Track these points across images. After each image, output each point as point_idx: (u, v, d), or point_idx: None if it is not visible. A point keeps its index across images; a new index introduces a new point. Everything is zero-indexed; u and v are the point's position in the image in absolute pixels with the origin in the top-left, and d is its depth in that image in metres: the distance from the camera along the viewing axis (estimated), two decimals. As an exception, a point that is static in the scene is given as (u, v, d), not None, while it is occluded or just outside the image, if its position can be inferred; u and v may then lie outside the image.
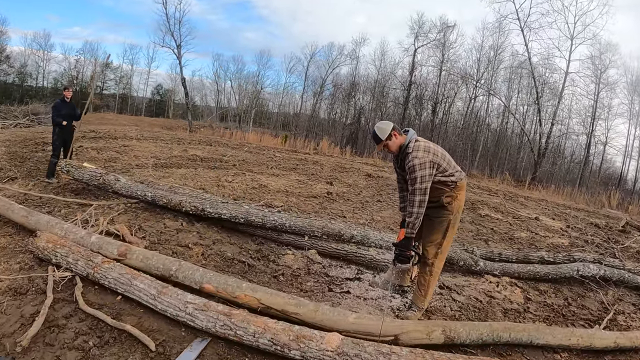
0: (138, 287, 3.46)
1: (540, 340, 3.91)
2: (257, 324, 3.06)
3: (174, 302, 3.30)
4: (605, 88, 31.96)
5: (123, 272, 3.61)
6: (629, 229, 13.25)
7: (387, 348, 2.92)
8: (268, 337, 2.98)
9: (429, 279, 3.98)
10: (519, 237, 9.11)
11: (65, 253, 3.94)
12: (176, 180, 8.93)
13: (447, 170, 3.82)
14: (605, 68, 31.27)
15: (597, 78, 31.49)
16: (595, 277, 6.13)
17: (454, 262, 5.63)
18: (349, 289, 4.59)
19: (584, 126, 33.64)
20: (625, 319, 5.20)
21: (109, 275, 3.62)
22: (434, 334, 3.51)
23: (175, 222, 5.64)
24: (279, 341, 2.95)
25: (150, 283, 3.49)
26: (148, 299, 3.40)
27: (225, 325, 3.10)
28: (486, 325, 3.84)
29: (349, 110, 41.82)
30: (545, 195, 23.05)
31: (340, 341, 2.94)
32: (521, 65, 33.49)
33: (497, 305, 4.91)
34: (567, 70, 30.87)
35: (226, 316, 3.14)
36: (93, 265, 3.74)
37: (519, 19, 31.37)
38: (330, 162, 18.28)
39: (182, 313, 3.25)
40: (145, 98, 55.86)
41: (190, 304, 3.26)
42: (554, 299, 5.53)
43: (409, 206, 3.77)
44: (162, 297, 3.35)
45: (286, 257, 5.17)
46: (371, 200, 10.35)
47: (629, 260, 7.96)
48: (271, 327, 3.03)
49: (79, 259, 3.84)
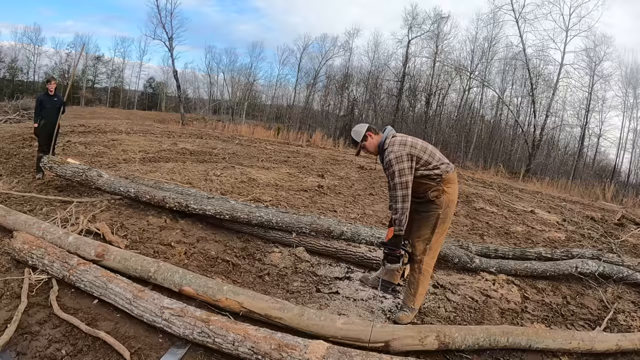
0: (114, 291, 3.29)
1: (540, 345, 3.74)
2: (236, 331, 2.87)
3: (150, 307, 3.11)
4: (599, 80, 32.01)
5: (98, 275, 3.43)
6: (625, 222, 13.18)
7: (376, 358, 2.75)
8: (248, 345, 2.79)
9: (418, 277, 3.81)
10: (515, 231, 8.98)
11: (41, 254, 3.75)
12: (163, 175, 8.73)
13: (430, 163, 3.67)
14: (599, 60, 31.31)
15: (591, 70, 31.54)
16: (594, 273, 5.96)
17: (449, 259, 5.45)
18: (338, 289, 4.40)
19: (578, 118, 33.73)
20: (625, 318, 5.05)
21: (84, 278, 3.45)
22: (427, 339, 3.32)
23: (159, 219, 5.44)
24: (260, 350, 2.76)
25: (126, 287, 3.31)
26: (124, 304, 3.22)
27: (203, 332, 2.92)
28: (483, 329, 3.65)
29: (342, 102, 41.79)
30: (540, 187, 23.05)
31: (326, 350, 2.75)
32: (515, 57, 33.51)
33: (493, 305, 4.74)
34: (561, 62, 30.94)
35: (204, 322, 2.95)
36: (68, 267, 3.56)
37: (514, 10, 31.43)
38: (322, 155, 18.11)
39: (158, 319, 3.07)
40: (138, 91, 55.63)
41: (167, 309, 3.07)
42: (552, 297, 5.37)
43: (393, 203, 3.65)
44: (138, 301, 3.17)
45: (272, 255, 4.98)
46: (363, 194, 10.17)
47: (626, 255, 7.83)
48: (251, 335, 2.84)
49: (54, 261, 3.66)
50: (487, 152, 35.81)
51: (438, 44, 35.82)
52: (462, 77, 36.23)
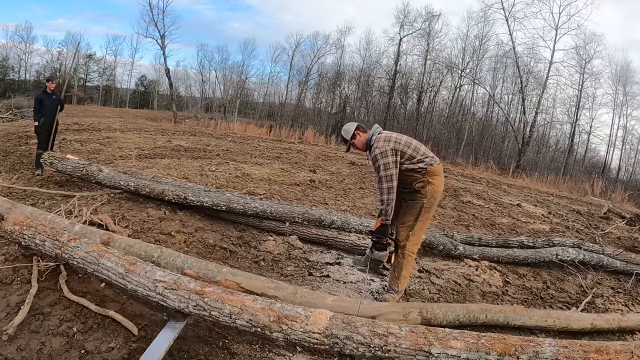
0: (106, 266, 3.22)
1: (517, 322, 4.02)
2: (233, 303, 2.74)
3: (143, 280, 3.04)
4: (589, 78, 32.46)
5: (89, 250, 3.36)
6: (611, 216, 13.53)
7: (383, 328, 2.58)
8: (246, 318, 2.66)
9: (402, 262, 4.10)
10: (500, 223, 9.28)
11: (32, 234, 3.69)
12: (160, 171, 8.96)
13: (415, 157, 3.95)
14: (590, 58, 31.77)
15: (581, 68, 31.97)
16: (574, 261, 6.27)
17: (434, 246, 5.76)
18: (329, 273, 4.72)
19: (569, 115, 34.21)
20: (603, 302, 5.34)
21: (76, 255, 3.38)
22: (410, 315, 3.61)
23: (158, 211, 5.71)
24: (259, 322, 2.63)
25: (117, 260, 3.23)
26: (117, 279, 3.15)
27: (199, 305, 2.82)
28: (462, 307, 3.95)
29: (334, 99, 41.98)
30: (529, 183, 23.35)
31: (329, 321, 2.61)
32: (506, 55, 33.92)
33: (475, 288, 5.05)
34: (551, 60, 31.34)
35: (199, 295, 2.84)
36: (60, 245, 3.50)
37: (504, 8, 31.73)
38: (314, 151, 18.38)
39: (152, 293, 2.99)
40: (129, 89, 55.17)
41: (160, 283, 2.98)
42: (533, 282, 5.69)
43: (379, 194, 3.95)
44: (131, 275, 3.09)
45: (267, 243, 5.27)
46: (354, 188, 10.47)
47: (609, 245, 8.13)
48: (249, 307, 2.70)
49: (45, 240, 3.60)
50: (478, 149, 36.20)
51: (429, 42, 36.06)
52: (453, 74, 36.59)
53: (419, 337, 2.52)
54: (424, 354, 2.48)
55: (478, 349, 2.47)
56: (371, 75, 39.76)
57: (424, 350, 2.47)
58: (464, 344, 2.48)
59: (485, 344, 2.48)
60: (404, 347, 2.49)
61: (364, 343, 2.52)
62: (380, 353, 2.51)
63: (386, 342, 2.50)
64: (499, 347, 2.46)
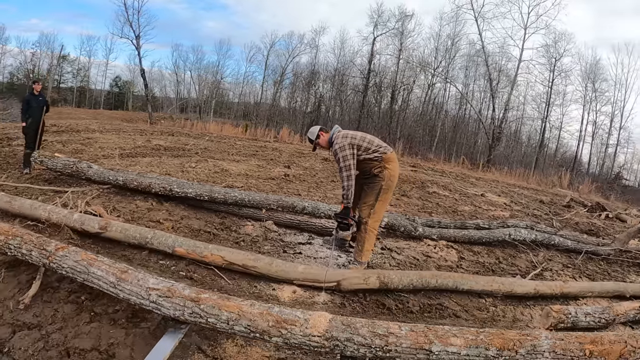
0: (96, 275, 3.17)
1: (465, 286, 4.66)
2: (229, 309, 2.75)
3: (136, 289, 3.00)
4: (560, 75, 33.86)
5: (78, 259, 3.30)
6: (573, 205, 14.47)
7: (383, 328, 2.64)
8: (244, 324, 2.67)
9: (364, 236, 4.77)
10: (462, 210, 10.00)
11: (18, 244, 3.58)
12: (142, 168, 9.44)
13: (370, 149, 4.66)
14: (560, 56, 33.14)
15: (551, 66, 33.30)
16: (527, 240, 6.96)
17: (396, 228, 6.44)
18: (301, 250, 5.39)
19: (539, 112, 35.52)
20: (551, 275, 6.04)
21: (65, 264, 3.33)
22: (370, 279, 4.26)
23: (145, 202, 6.25)
24: (257, 328, 2.65)
25: (107, 269, 3.18)
26: (108, 287, 3.12)
27: (194, 312, 2.81)
28: (416, 273, 4.62)
29: (309, 98, 42.49)
30: (498, 176, 24.25)
31: (328, 323, 2.64)
32: (477, 54, 34.97)
33: (432, 263, 5.72)
34: (520, 59, 32.54)
35: (194, 302, 2.83)
36: (47, 254, 3.44)
37: (473, 9, 32.77)
38: (289, 149, 19.04)
39: (146, 301, 2.96)
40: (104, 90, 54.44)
41: (154, 291, 2.94)
42: (487, 258, 6.37)
43: (341, 182, 4.68)
44: (123, 284, 3.06)
45: (246, 228, 5.89)
46: (325, 181, 11.16)
47: (566, 229, 8.87)
48: (246, 312, 2.71)
49: (32, 250, 3.52)
50: (451, 146, 37.26)
51: (402, 42, 36.90)
52: (426, 73, 37.52)
53: (419, 336, 2.60)
54: (425, 352, 2.57)
55: (477, 344, 2.58)
56: (345, 74, 40.37)
57: (425, 349, 2.57)
58: (463, 340, 2.59)
59: (484, 339, 2.60)
60: (404, 347, 2.56)
61: (364, 344, 2.57)
62: (382, 353, 2.57)
63: (387, 342, 2.57)
64: (498, 342, 2.59)
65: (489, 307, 4.63)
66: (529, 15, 31.78)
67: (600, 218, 12.71)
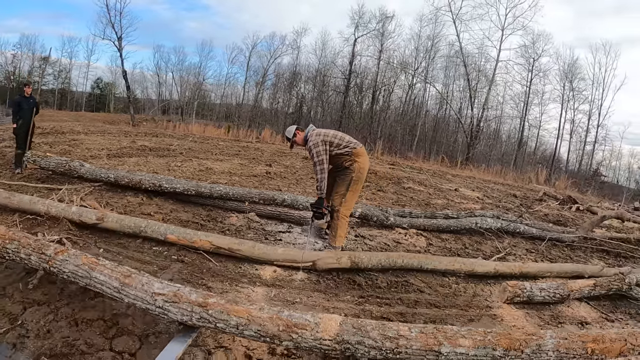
0: (99, 279, 3.10)
1: (429, 266, 5.17)
2: (239, 314, 2.72)
3: (141, 294, 2.94)
4: (538, 75, 34.96)
5: (79, 264, 3.22)
6: (546, 198, 15.09)
7: (393, 331, 2.67)
8: (254, 329, 2.67)
9: (337, 223, 5.31)
10: (435, 203, 10.52)
11: (16, 248, 3.50)
12: (130, 168, 9.84)
13: (341, 145, 5.20)
14: (538, 56, 34.20)
15: (530, 66, 34.33)
16: (493, 228, 7.47)
17: (369, 218, 6.97)
18: (282, 237, 5.93)
19: (518, 111, 36.57)
20: (514, 259, 6.52)
21: (66, 269, 3.26)
22: (342, 259, 4.79)
23: (136, 198, 6.71)
24: (267, 332, 2.65)
25: (110, 273, 3.10)
26: (112, 292, 3.05)
27: (203, 318, 2.78)
28: (384, 254, 5.15)
29: (291, 99, 43.08)
30: (476, 173, 24.82)
31: (339, 327, 2.66)
32: (456, 55, 35.69)
33: (402, 249, 6.24)
34: (497, 59, 33.39)
35: (202, 307, 2.79)
36: (47, 258, 3.36)
37: (452, 11, 33.54)
38: (271, 149, 19.54)
39: (152, 307, 2.91)
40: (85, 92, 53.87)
41: (159, 296, 2.89)
42: (454, 244, 6.89)
43: (315, 175, 5.21)
44: (127, 289, 2.99)
45: (231, 219, 6.39)
46: (305, 178, 11.68)
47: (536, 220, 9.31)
48: (255, 317, 2.70)
49: (31, 254, 3.44)
50: (431, 145, 38.04)
51: (383, 42, 37.48)
52: (406, 74, 38.24)
53: (429, 338, 2.65)
54: (434, 353, 2.63)
55: (485, 345, 2.66)
56: (327, 75, 40.80)
57: (434, 350, 2.63)
58: (471, 341, 2.66)
59: (492, 340, 2.68)
60: (414, 349, 2.62)
61: (375, 347, 2.62)
62: (392, 355, 2.63)
63: (397, 344, 2.62)
64: (505, 342, 2.67)
65: (451, 285, 5.14)
66: (506, 17, 32.68)
67: (571, 210, 13.22)
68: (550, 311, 4.78)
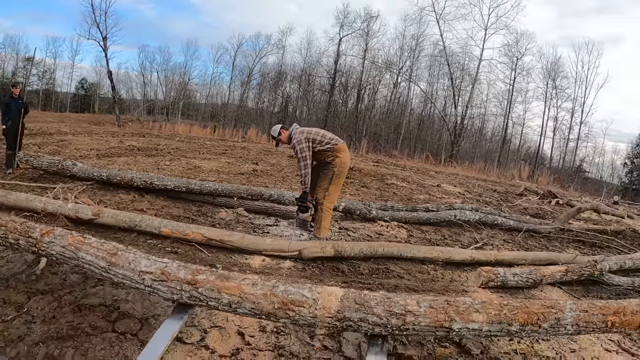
0: (85, 260, 3.02)
1: (408, 254, 5.47)
2: (230, 291, 2.58)
3: (129, 273, 2.85)
4: (521, 73, 35.61)
5: (65, 244, 3.13)
6: (527, 193, 15.52)
7: (400, 306, 2.49)
8: (248, 306, 2.54)
9: (321, 215, 5.64)
10: (417, 198, 10.86)
11: (4, 233, 3.38)
12: (120, 167, 10.05)
13: (323, 141, 5.53)
14: (521, 55, 34.87)
15: (513, 64, 35.00)
16: (472, 221, 7.80)
17: (352, 211, 7.30)
18: (269, 230, 6.24)
19: (502, 109, 37.18)
20: (491, 249, 6.78)
21: (53, 250, 3.18)
22: (326, 248, 5.09)
23: (128, 195, 6.96)
24: (262, 310, 2.52)
25: (96, 252, 2.99)
26: (101, 272, 2.97)
27: (193, 296, 2.67)
28: (365, 243, 5.43)
29: (276, 99, 43.13)
30: (459, 170, 25.34)
31: (340, 303, 2.49)
32: (440, 54, 36.25)
33: (384, 240, 6.53)
34: (480, 58, 34.03)
35: (191, 285, 2.67)
36: (34, 242, 3.27)
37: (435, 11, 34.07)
38: (257, 148, 19.88)
39: (141, 285, 2.83)
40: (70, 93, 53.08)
41: (147, 275, 2.78)
42: (434, 235, 7.20)
43: (299, 170, 5.54)
44: (115, 268, 2.90)
45: (220, 214, 6.69)
46: (291, 175, 12.02)
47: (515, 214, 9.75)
48: (248, 294, 2.55)
49: (19, 238, 3.33)
50: (416, 143, 38.54)
51: (368, 42, 37.90)
52: (391, 73, 38.72)
53: (439, 313, 2.48)
54: (445, 330, 2.47)
55: (500, 320, 2.50)
56: (312, 74, 41.05)
57: (445, 327, 2.47)
58: (485, 316, 2.50)
59: (508, 314, 2.52)
60: (423, 325, 2.45)
61: (380, 324, 2.45)
62: (399, 332, 2.48)
63: (404, 321, 2.45)
64: (522, 317, 2.52)
65: (429, 271, 5.44)
66: (489, 16, 33.39)
67: (551, 204, 13.61)
68: (524, 295, 5.05)
